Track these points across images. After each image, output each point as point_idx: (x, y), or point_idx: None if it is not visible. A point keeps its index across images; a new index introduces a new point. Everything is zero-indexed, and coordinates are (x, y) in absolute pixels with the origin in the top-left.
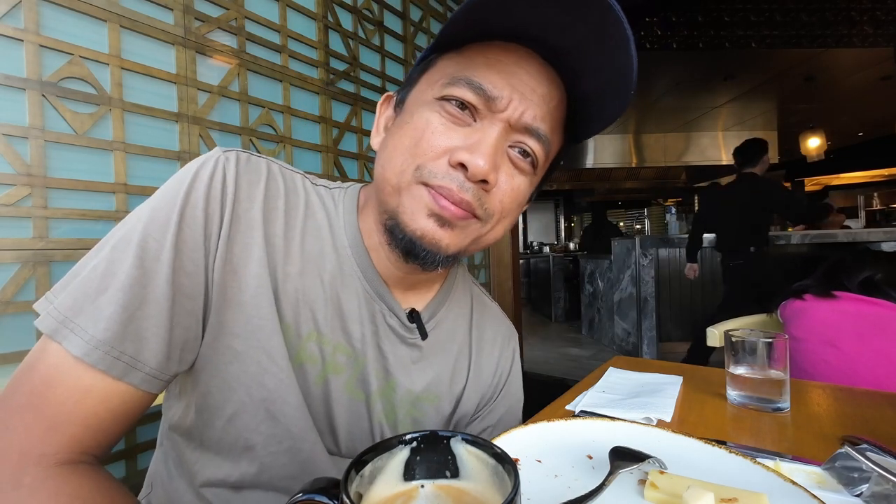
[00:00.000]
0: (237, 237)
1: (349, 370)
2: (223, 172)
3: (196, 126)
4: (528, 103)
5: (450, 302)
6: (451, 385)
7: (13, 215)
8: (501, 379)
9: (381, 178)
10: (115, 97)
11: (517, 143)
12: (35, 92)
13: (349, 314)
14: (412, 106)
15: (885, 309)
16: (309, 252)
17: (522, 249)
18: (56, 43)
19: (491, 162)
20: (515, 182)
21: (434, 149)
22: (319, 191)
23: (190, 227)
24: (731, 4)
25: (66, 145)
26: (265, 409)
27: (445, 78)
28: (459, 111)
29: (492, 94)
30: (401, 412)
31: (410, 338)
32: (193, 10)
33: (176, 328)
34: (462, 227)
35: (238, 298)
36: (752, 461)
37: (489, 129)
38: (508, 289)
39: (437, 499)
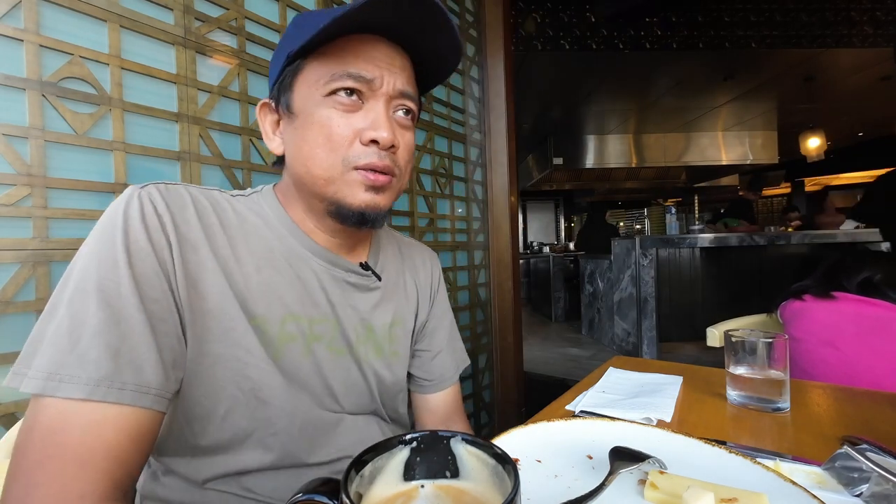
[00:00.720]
0: (188, 257)
1: (329, 334)
2: (152, 205)
3: (196, 126)
4: (395, 76)
5: (383, 248)
6: (407, 305)
7: (13, 215)
8: (433, 289)
9: (307, 175)
10: (115, 97)
11: (398, 107)
12: (35, 92)
13: (313, 288)
14: (305, 108)
15: (884, 310)
16: (257, 250)
17: (522, 249)
18: (56, 43)
19: (391, 131)
20: (407, 137)
21: (345, 138)
22: (240, 199)
23: (141, 260)
24: (731, 4)
25: (66, 145)
26: (255, 397)
27: (325, 76)
28: (349, 99)
29: (369, 78)
30: (384, 344)
31: (371, 284)
32: (193, 10)
33: (164, 350)
34: (389, 188)
35: (204, 308)
36: (752, 461)
37: (378, 106)
38: (508, 289)
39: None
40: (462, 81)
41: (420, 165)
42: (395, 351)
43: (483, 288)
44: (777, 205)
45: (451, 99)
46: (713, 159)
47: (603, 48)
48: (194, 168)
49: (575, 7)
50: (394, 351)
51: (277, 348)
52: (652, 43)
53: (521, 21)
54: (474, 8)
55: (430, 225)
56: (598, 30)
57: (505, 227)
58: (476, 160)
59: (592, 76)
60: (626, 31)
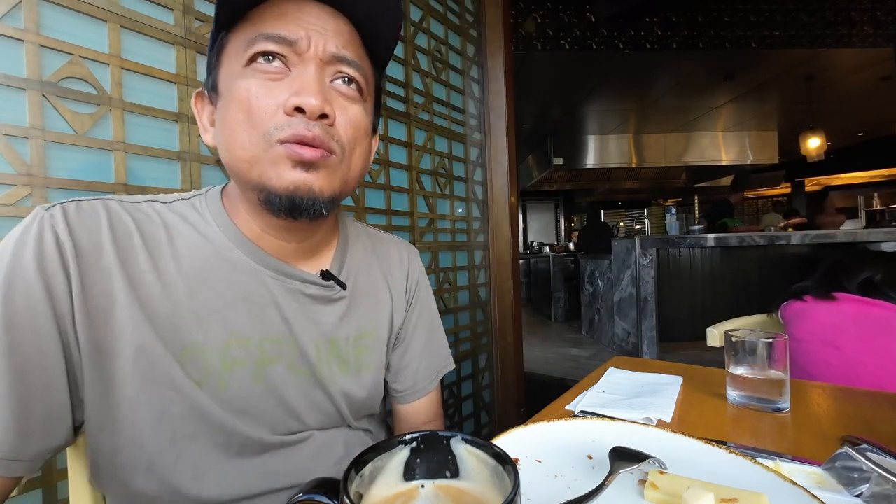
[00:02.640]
0: (92, 289)
1: (286, 354)
2: (53, 233)
3: (196, 126)
4: (325, 37)
5: (351, 250)
6: (380, 312)
7: (13, 215)
8: (412, 288)
9: (232, 161)
10: (115, 97)
11: (336, 75)
12: (35, 92)
13: (264, 305)
14: (226, 85)
15: (885, 310)
16: (190, 271)
17: (522, 249)
18: (56, 43)
19: (321, 97)
20: (351, 112)
21: (267, 109)
22: (175, 206)
23: (23, 298)
24: (731, 4)
25: (66, 145)
26: (181, 437)
27: (244, 44)
28: (270, 65)
29: (291, 38)
30: (350, 358)
31: (334, 295)
32: (194, 10)
33: (29, 402)
34: (325, 167)
35: (116, 348)
36: (752, 461)
37: (306, 71)
38: (508, 289)
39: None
40: (462, 81)
41: (420, 165)
42: (365, 363)
43: (483, 288)
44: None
45: (451, 99)
46: (713, 159)
47: (603, 48)
48: (194, 168)
49: (575, 7)
50: (362, 364)
51: (220, 377)
52: (652, 43)
53: (521, 21)
54: (474, 8)
55: (430, 225)
56: (598, 30)
57: (505, 227)
58: (476, 160)
59: (592, 76)
60: (626, 31)
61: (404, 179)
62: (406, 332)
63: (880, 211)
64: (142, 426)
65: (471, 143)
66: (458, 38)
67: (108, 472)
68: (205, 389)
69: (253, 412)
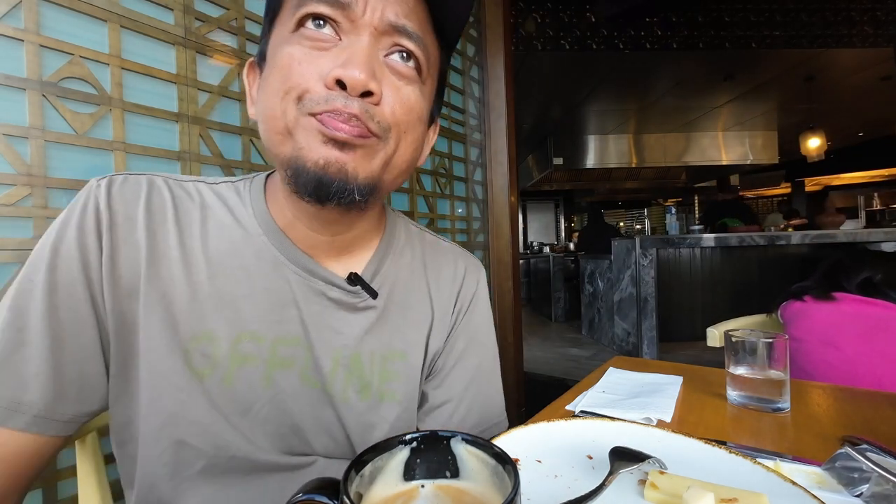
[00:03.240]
0: (122, 262)
1: (299, 361)
2: (95, 201)
3: (196, 126)
4: (385, 3)
5: (394, 254)
6: (415, 335)
7: (13, 215)
8: (461, 307)
9: (267, 133)
10: (115, 97)
11: (393, 48)
12: (35, 92)
13: (284, 302)
14: (272, 51)
15: (884, 310)
16: (215, 253)
17: (522, 249)
18: (56, 43)
19: (367, 70)
20: (404, 92)
21: (306, 78)
22: (218, 188)
23: (65, 264)
24: (731, 4)
25: (67, 145)
26: (167, 435)
27: (294, 6)
28: (319, 32)
29: (344, 1)
30: (374, 383)
31: (360, 303)
32: (194, 10)
33: (64, 366)
34: (363, 147)
35: (138, 323)
36: (752, 461)
37: (357, 41)
38: (508, 289)
39: (437, 499)
40: (462, 81)
41: (420, 165)
42: (389, 392)
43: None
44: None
45: (451, 99)
46: (713, 159)
47: (603, 48)
48: (194, 168)
49: (575, 7)
50: (386, 392)
51: (227, 371)
52: (652, 43)
53: (521, 21)
54: (474, 8)
55: (430, 225)
56: (598, 30)
57: (505, 227)
58: (476, 160)
59: (592, 76)
60: (626, 31)
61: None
62: (445, 362)
63: (880, 211)
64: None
65: (471, 143)
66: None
67: (121, 442)
68: (206, 382)
69: (252, 419)
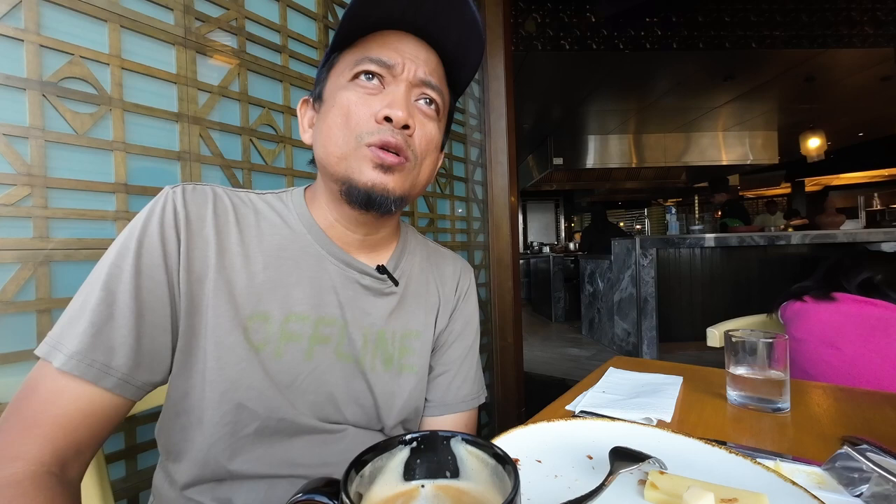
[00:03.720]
0: (195, 253)
1: (335, 338)
2: (173, 204)
3: (196, 126)
4: (417, 64)
5: (408, 254)
6: (426, 317)
7: (13, 215)
8: (458, 300)
9: (325, 156)
10: (115, 97)
11: (421, 96)
12: (35, 92)
13: (325, 288)
14: (331, 95)
15: (885, 310)
16: (268, 248)
17: (522, 249)
18: (56, 43)
19: (406, 110)
20: (428, 127)
21: (362, 117)
22: (266, 198)
23: (148, 252)
24: (731, 4)
25: (67, 145)
26: (227, 396)
27: (351, 64)
28: (370, 82)
29: (389, 63)
30: (395, 357)
31: (386, 289)
32: (194, 11)
33: (143, 338)
34: (400, 170)
35: (203, 303)
36: (752, 461)
37: (397, 89)
38: (508, 289)
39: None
40: None
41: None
42: (407, 365)
43: (483, 288)
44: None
45: None
46: (713, 159)
47: (603, 48)
48: (194, 168)
49: (575, 7)
50: (404, 365)
51: (277, 345)
52: (652, 43)
53: (521, 21)
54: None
55: (430, 225)
56: (598, 30)
57: (505, 227)
58: (476, 160)
59: (592, 76)
60: (626, 31)
61: None
62: (446, 339)
63: (880, 211)
64: (209, 377)
65: (471, 143)
66: None
67: (176, 413)
68: (261, 354)
69: (296, 389)
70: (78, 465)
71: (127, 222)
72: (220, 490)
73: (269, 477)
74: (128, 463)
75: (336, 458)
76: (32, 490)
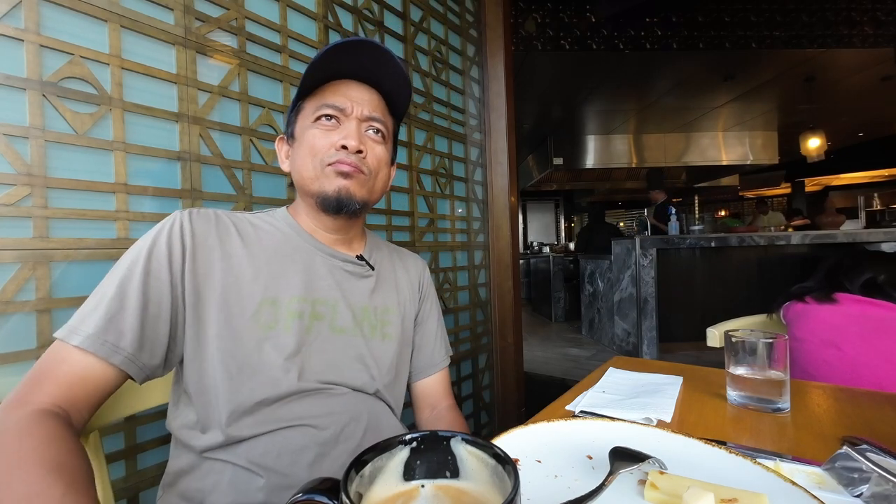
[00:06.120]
0: (199, 259)
1: (329, 314)
2: (180, 223)
3: (196, 126)
4: (363, 105)
5: (376, 249)
6: (398, 296)
7: (13, 215)
8: (423, 289)
9: (301, 179)
10: (115, 97)
11: (369, 127)
12: (35, 92)
13: (318, 275)
14: (301, 133)
15: (887, 310)
16: (268, 247)
17: (522, 250)
18: (56, 43)
19: (358, 139)
20: (377, 150)
21: (324, 146)
22: (257, 215)
23: (156, 259)
24: (731, 4)
25: (67, 145)
26: (244, 369)
27: (312, 109)
28: (329, 122)
29: (341, 107)
30: (378, 326)
31: (365, 273)
32: (194, 10)
33: (146, 327)
34: (357, 178)
35: (210, 299)
36: (752, 461)
37: (350, 125)
38: (508, 289)
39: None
40: (462, 81)
41: (420, 165)
42: (388, 334)
43: (483, 288)
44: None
45: (451, 99)
46: (713, 159)
47: (603, 48)
48: (194, 168)
49: (575, 7)
50: (386, 333)
51: (286, 322)
52: (652, 43)
53: (521, 21)
54: (474, 8)
55: (430, 225)
56: (598, 30)
57: (505, 227)
58: (476, 160)
59: (592, 76)
60: (626, 31)
61: (404, 179)
62: (422, 318)
63: (880, 211)
64: (217, 361)
65: (471, 143)
66: (458, 38)
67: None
68: (271, 333)
69: (302, 357)
70: (76, 419)
71: (127, 222)
72: (240, 448)
73: (281, 429)
74: (128, 463)
75: (340, 409)
76: (34, 424)
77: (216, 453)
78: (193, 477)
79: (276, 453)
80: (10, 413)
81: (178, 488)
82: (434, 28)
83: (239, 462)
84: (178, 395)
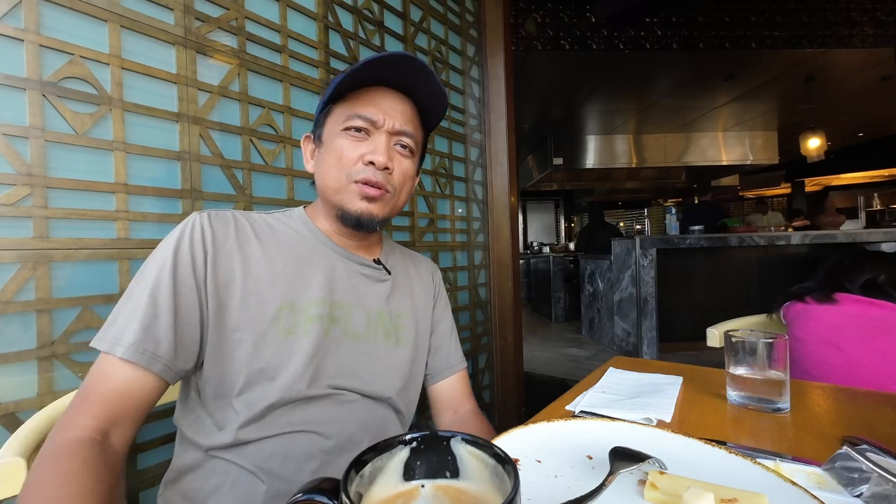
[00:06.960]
0: (220, 264)
1: (344, 318)
2: (200, 226)
3: (196, 126)
4: (395, 118)
5: (391, 254)
6: (413, 301)
7: (13, 215)
8: (436, 292)
9: (324, 187)
10: (115, 97)
11: (398, 142)
12: (35, 92)
13: (335, 278)
14: (328, 139)
15: (887, 311)
16: (285, 251)
17: (522, 250)
18: (56, 43)
19: (386, 156)
20: (404, 165)
21: (351, 159)
22: (274, 215)
23: (182, 265)
24: (731, 4)
25: (67, 145)
26: (263, 373)
27: (343, 117)
28: (358, 133)
29: (373, 119)
30: (392, 331)
31: (382, 277)
32: (193, 10)
33: (179, 333)
34: (381, 199)
35: (230, 303)
36: (752, 461)
37: (379, 139)
38: (508, 289)
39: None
40: (462, 81)
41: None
42: (403, 338)
43: (483, 288)
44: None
45: (451, 99)
46: (713, 160)
47: (603, 48)
48: (194, 168)
49: (575, 7)
50: (400, 337)
51: (305, 326)
52: (652, 43)
53: (521, 21)
54: (474, 8)
55: (430, 225)
56: (598, 30)
57: (505, 227)
58: (476, 160)
59: (592, 76)
60: (626, 31)
61: None
62: (436, 322)
63: (880, 211)
64: (239, 363)
65: (471, 143)
66: (458, 38)
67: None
68: (289, 338)
69: (317, 361)
70: (118, 437)
71: (127, 222)
72: (246, 450)
73: (288, 433)
74: (128, 463)
75: (347, 417)
76: (66, 455)
77: (222, 453)
78: (197, 475)
79: (281, 458)
80: (55, 436)
81: (180, 486)
82: (434, 28)
83: (244, 464)
84: (188, 393)
